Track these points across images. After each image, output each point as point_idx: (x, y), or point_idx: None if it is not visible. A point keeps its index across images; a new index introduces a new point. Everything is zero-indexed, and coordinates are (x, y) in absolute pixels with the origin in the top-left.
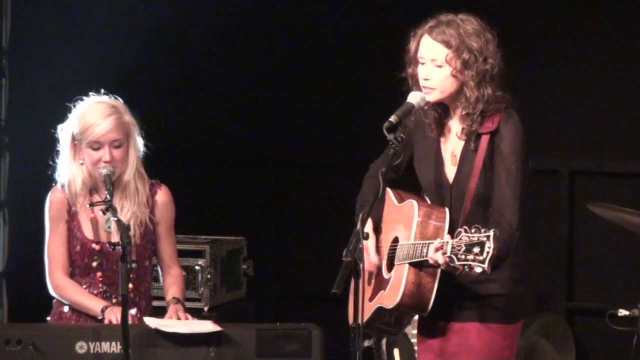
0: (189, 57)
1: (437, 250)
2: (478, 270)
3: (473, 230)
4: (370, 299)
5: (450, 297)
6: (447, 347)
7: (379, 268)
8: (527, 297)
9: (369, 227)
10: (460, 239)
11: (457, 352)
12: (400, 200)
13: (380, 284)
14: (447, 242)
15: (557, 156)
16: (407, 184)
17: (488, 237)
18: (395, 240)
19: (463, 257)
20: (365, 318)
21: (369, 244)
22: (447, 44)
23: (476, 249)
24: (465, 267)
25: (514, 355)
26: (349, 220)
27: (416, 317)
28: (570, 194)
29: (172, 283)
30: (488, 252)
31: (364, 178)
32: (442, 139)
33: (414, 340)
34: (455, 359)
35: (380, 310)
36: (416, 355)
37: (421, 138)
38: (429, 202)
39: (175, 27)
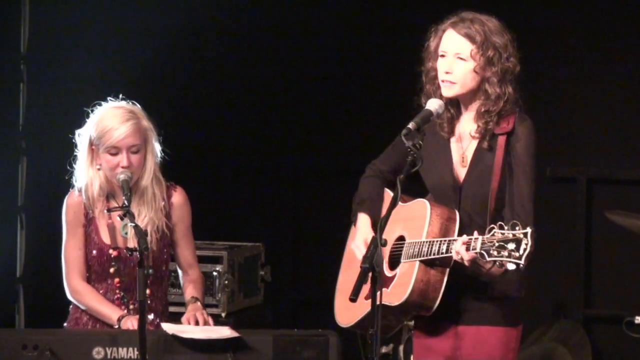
0: (207, 63)
1: (464, 244)
2: (511, 267)
3: (507, 228)
4: (367, 298)
5: (456, 300)
6: (452, 350)
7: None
8: (525, 302)
9: (368, 225)
10: (493, 234)
11: (463, 355)
12: (404, 200)
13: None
14: (477, 238)
15: (575, 164)
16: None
17: (525, 234)
18: (400, 239)
19: (495, 253)
20: (359, 317)
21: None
22: (472, 39)
23: (511, 246)
24: (497, 263)
25: (516, 359)
26: None
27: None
28: (587, 201)
29: (189, 284)
30: (525, 249)
31: (361, 178)
32: (452, 140)
33: None
34: None
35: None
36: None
37: (428, 140)
38: None
39: (193, 33)
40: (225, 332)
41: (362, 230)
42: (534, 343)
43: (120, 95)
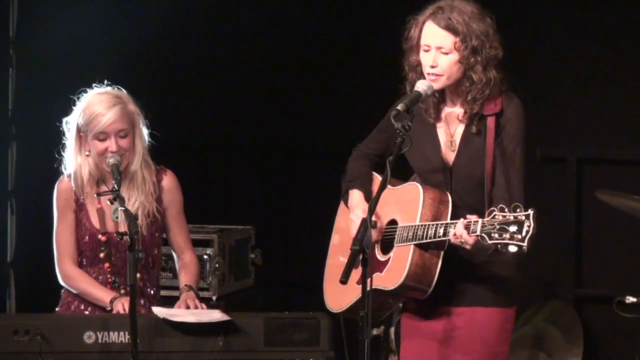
0: (196, 45)
1: (465, 228)
2: (513, 249)
3: (508, 210)
4: (358, 282)
5: (450, 282)
6: (445, 331)
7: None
8: (522, 283)
9: (363, 200)
10: (494, 217)
11: (456, 336)
12: (394, 184)
13: (373, 266)
14: (477, 221)
15: (565, 144)
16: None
17: (527, 216)
18: (392, 223)
19: (497, 235)
20: (351, 302)
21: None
22: (454, 31)
23: (513, 228)
24: (498, 246)
25: (510, 339)
26: None
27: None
28: (577, 181)
29: (184, 270)
30: (528, 231)
31: (349, 160)
32: (438, 124)
33: None
34: (456, 343)
35: (374, 293)
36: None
37: (414, 125)
38: None
39: (182, 15)
40: (216, 315)
41: (359, 205)
42: (526, 323)
43: (105, 81)
